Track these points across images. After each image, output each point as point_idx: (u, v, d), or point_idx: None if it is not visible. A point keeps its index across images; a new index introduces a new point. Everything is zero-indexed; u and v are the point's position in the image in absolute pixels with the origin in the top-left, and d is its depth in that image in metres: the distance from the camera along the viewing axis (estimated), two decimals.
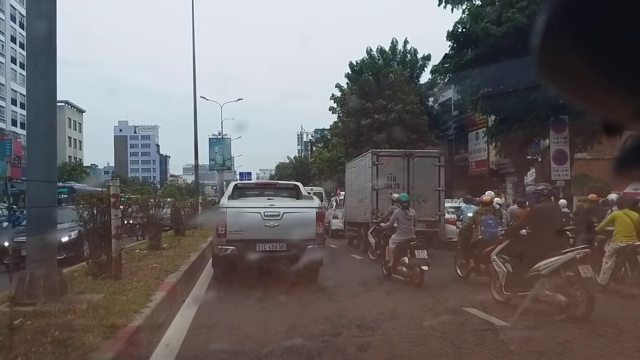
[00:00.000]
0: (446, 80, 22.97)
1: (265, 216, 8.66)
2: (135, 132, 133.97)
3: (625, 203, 8.71)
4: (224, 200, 9.35)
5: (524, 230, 7.65)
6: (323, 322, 5.88)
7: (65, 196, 17.72)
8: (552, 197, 7.87)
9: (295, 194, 10.08)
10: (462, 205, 14.90)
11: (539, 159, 21.61)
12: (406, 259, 9.38)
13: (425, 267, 8.91)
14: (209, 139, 45.99)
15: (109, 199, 6.63)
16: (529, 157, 22.09)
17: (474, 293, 8.05)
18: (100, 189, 8.25)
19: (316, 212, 8.96)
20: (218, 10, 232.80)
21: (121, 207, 6.84)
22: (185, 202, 20.95)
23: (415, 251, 9.15)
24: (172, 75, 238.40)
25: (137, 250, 10.75)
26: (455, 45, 19.36)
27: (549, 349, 5.06)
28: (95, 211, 6.79)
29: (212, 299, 7.35)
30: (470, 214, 12.18)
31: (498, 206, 12.13)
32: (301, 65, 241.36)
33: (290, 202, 9.50)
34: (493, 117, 22.00)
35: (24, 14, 46.18)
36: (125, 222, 9.68)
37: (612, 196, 9.88)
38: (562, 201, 12.57)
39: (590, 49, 0.64)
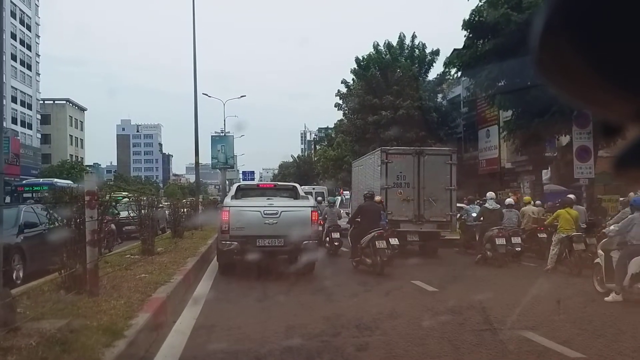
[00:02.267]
0: (460, 74, 21.71)
1: (264, 214, 9.43)
2: (137, 131, 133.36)
3: (566, 204, 11.01)
4: (227, 200, 10.24)
5: (358, 219, 11.18)
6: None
7: (47, 194, 16.38)
8: (373, 198, 11.85)
9: (294, 194, 10.75)
10: (466, 206, 15.25)
11: (559, 157, 20.49)
12: (327, 238, 13.61)
13: (336, 243, 13.45)
14: (212, 136, 44.82)
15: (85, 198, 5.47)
16: (547, 154, 20.93)
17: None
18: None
19: (311, 211, 9.78)
20: (219, 10, 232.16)
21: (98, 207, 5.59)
22: (182, 201, 19.65)
23: (332, 233, 13.59)
24: (175, 74, 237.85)
25: (128, 256, 9.61)
26: (471, 35, 18.22)
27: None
28: (68, 211, 5.61)
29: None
30: (474, 214, 13.79)
31: (498, 205, 12.81)
32: (304, 65, 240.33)
33: (288, 202, 10.21)
34: (509, 113, 20.94)
35: (25, 11, 45.23)
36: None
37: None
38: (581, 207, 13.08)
39: (589, 49, 0.64)
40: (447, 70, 31.68)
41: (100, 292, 5.55)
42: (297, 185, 11.62)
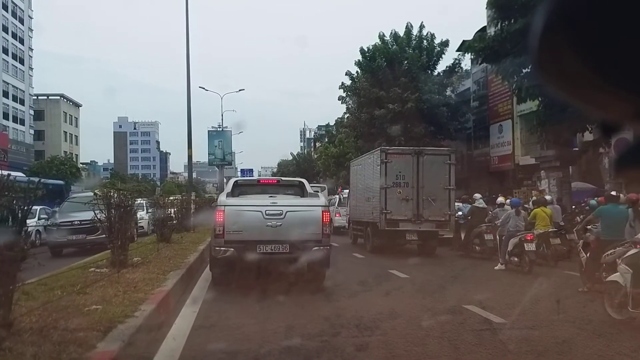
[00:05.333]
0: (479, 60, 19.80)
1: (266, 215, 8.12)
2: (135, 129, 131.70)
3: (540, 203, 12.29)
4: (222, 198, 8.87)
5: None
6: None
7: None
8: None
9: (300, 191, 9.39)
10: (460, 204, 15.60)
11: (590, 153, 18.65)
12: None
13: None
14: (208, 131, 43.03)
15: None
16: (577, 148, 19.06)
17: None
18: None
19: (322, 211, 8.34)
20: (219, 8, 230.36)
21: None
22: (168, 198, 17.43)
23: None
24: (174, 71, 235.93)
25: (92, 269, 7.61)
26: (496, 14, 16.34)
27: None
28: None
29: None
30: (460, 213, 14.85)
31: (485, 205, 14.13)
32: (303, 62, 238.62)
33: (294, 200, 8.89)
34: (528, 105, 19.18)
35: (17, 4, 43.04)
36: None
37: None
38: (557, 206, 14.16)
39: (588, 50, 0.64)
40: (457, 61, 30.08)
41: (8, 344, 3.38)
42: (304, 180, 10.01)
